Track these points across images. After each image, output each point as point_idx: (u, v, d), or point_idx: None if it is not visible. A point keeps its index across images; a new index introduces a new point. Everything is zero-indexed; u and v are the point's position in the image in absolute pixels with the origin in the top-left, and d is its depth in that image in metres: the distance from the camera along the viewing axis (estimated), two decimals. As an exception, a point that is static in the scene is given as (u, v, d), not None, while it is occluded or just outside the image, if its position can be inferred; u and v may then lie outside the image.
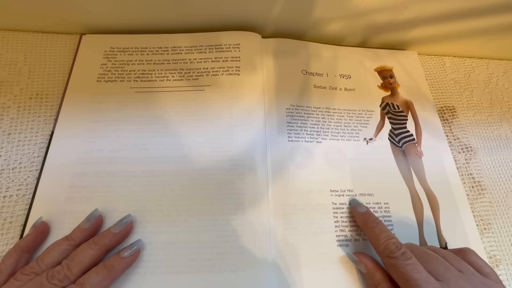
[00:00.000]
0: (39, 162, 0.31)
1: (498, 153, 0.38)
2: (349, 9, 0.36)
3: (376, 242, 0.26)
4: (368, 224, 0.28)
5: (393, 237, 0.26)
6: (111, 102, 0.34)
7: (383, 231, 0.27)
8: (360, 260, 0.27)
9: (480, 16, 0.37)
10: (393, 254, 0.24)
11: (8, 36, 0.37)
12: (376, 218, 0.28)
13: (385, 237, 0.26)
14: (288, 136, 0.34)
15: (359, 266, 0.27)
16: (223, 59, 0.37)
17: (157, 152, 0.31)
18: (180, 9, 0.36)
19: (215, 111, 0.34)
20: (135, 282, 0.26)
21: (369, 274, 0.26)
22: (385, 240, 0.26)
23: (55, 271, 0.23)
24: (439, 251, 0.26)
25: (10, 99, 0.34)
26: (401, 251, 0.24)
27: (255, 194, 0.30)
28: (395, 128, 0.37)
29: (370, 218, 0.28)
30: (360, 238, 0.30)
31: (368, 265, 0.27)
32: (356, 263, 0.28)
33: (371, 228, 0.27)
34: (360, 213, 0.30)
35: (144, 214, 0.29)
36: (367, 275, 0.27)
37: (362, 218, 0.29)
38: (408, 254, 0.24)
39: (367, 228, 0.28)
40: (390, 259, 0.24)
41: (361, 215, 0.29)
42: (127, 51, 0.37)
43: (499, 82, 0.43)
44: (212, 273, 0.27)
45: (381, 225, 0.27)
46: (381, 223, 0.28)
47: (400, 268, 0.23)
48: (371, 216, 0.29)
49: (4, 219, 0.28)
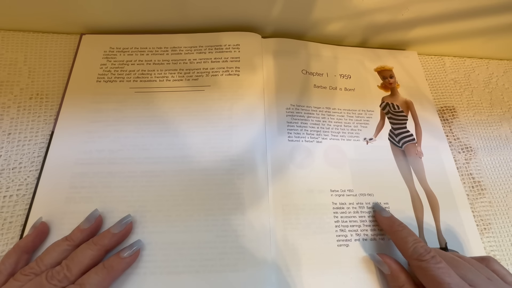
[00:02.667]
0: (39, 162, 0.31)
1: (498, 153, 0.38)
2: (349, 9, 0.36)
3: (403, 245, 0.26)
4: (393, 228, 0.28)
5: (420, 241, 0.26)
6: (110, 102, 0.34)
7: (410, 234, 0.26)
8: (384, 261, 0.27)
9: (480, 16, 0.37)
10: (423, 257, 0.24)
11: (8, 36, 0.37)
12: (401, 222, 0.28)
13: (413, 240, 0.26)
14: (288, 136, 0.34)
15: (381, 267, 0.27)
16: (222, 60, 0.37)
17: (157, 152, 0.31)
18: (180, 9, 0.36)
19: (214, 111, 0.34)
20: (135, 282, 0.26)
21: (393, 275, 0.26)
22: (413, 243, 0.25)
23: (54, 272, 0.23)
24: (463, 258, 0.26)
25: (10, 99, 0.34)
26: (430, 254, 0.24)
27: (255, 194, 0.30)
28: (395, 128, 0.37)
29: (395, 222, 0.28)
30: (360, 238, 0.30)
31: (392, 266, 0.26)
32: (379, 263, 0.27)
33: (397, 231, 0.27)
34: (385, 218, 0.30)
35: (144, 214, 0.29)
36: (391, 277, 0.26)
37: (387, 222, 0.29)
38: (438, 258, 0.24)
39: (392, 231, 0.28)
40: (420, 262, 0.24)
41: (386, 219, 0.29)
42: (127, 51, 0.37)
43: (499, 82, 0.43)
44: (212, 273, 0.27)
45: (407, 229, 0.27)
46: (407, 227, 0.28)
47: (431, 271, 0.23)
48: (396, 220, 0.29)
49: (4, 219, 0.28)
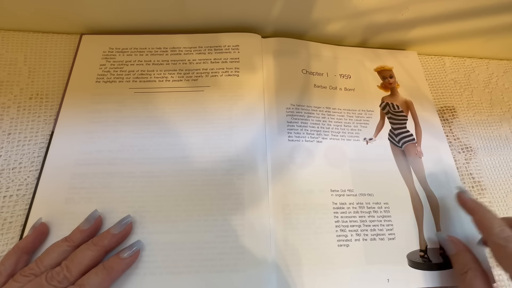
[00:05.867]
0: (39, 162, 0.31)
1: (498, 153, 0.37)
2: (349, 9, 0.36)
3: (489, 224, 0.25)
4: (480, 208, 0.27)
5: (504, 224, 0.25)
6: (110, 102, 0.34)
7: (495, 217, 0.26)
8: (451, 240, 0.26)
9: (480, 16, 0.37)
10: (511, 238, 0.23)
11: (8, 36, 0.37)
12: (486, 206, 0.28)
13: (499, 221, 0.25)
14: (289, 135, 0.34)
15: (447, 246, 0.26)
16: (222, 60, 0.37)
17: (157, 153, 0.31)
18: (179, 10, 0.36)
19: (214, 111, 0.34)
20: (135, 282, 0.26)
21: (458, 256, 0.25)
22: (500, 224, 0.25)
23: (54, 272, 0.23)
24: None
25: (10, 99, 0.34)
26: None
27: (255, 194, 0.30)
28: (395, 128, 0.37)
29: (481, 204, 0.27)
30: (360, 238, 0.30)
31: (460, 246, 0.26)
32: (445, 242, 0.27)
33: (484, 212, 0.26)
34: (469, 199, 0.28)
35: (144, 215, 0.29)
36: (456, 258, 0.26)
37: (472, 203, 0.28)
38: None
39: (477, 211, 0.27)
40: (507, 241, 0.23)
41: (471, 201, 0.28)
42: (126, 52, 0.37)
43: (499, 82, 0.43)
44: (212, 273, 0.27)
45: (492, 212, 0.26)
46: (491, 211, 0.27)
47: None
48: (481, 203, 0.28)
49: (4, 219, 0.28)
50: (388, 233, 0.31)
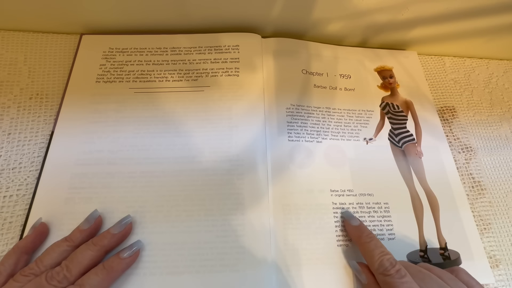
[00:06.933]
0: (39, 162, 0.31)
1: (498, 153, 0.37)
2: (349, 9, 0.36)
3: (370, 258, 0.26)
4: (361, 239, 0.27)
5: (387, 253, 0.25)
6: (110, 102, 0.34)
7: (377, 247, 0.26)
8: (363, 270, 0.27)
9: (480, 16, 0.37)
10: (388, 271, 0.24)
11: (8, 36, 0.37)
12: (370, 232, 0.28)
13: (379, 253, 0.25)
14: (288, 135, 0.34)
15: (360, 276, 0.27)
16: (222, 60, 0.37)
17: (157, 153, 0.31)
18: (179, 10, 0.36)
19: (214, 111, 0.34)
20: (135, 283, 0.26)
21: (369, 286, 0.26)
22: (379, 257, 0.25)
23: (54, 272, 0.23)
24: (433, 270, 0.25)
25: (10, 99, 0.34)
26: (395, 268, 0.24)
27: (255, 194, 0.30)
28: (395, 128, 0.37)
29: (364, 232, 0.28)
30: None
31: (370, 278, 0.26)
32: (358, 272, 0.27)
33: (365, 243, 0.27)
34: (353, 227, 0.29)
35: (144, 215, 0.29)
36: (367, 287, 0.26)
37: (355, 232, 0.28)
38: (403, 272, 0.24)
39: (360, 243, 0.27)
40: (384, 276, 0.24)
41: (354, 228, 0.29)
42: (126, 52, 0.37)
43: (499, 82, 0.43)
44: (212, 273, 0.27)
45: (375, 240, 0.27)
46: (375, 238, 0.27)
47: (395, 286, 0.23)
48: (365, 230, 0.28)
49: (4, 219, 0.28)
50: (388, 233, 0.31)
